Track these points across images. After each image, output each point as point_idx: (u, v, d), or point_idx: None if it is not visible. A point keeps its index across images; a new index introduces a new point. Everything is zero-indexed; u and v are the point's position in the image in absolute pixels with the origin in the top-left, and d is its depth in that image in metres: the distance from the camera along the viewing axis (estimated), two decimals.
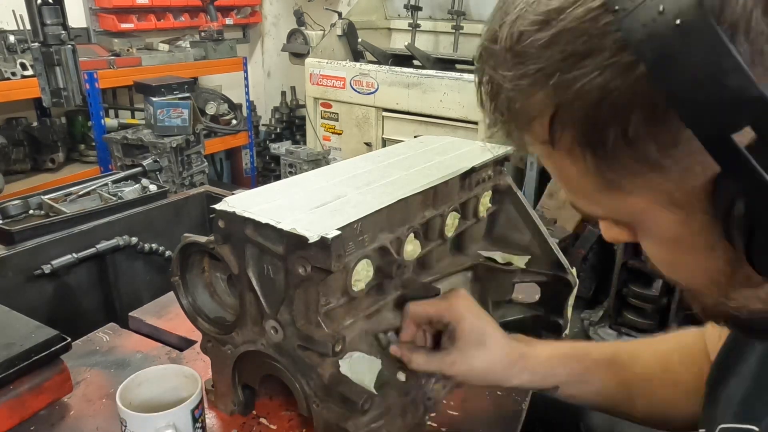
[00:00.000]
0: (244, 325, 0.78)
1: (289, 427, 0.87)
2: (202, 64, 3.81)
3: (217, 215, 0.74)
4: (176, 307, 0.91)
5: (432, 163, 0.93)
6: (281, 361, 0.76)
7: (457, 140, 1.10)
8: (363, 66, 3.49)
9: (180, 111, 2.78)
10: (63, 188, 1.66)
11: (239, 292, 0.77)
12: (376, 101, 3.45)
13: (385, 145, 3.38)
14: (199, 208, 1.79)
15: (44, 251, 1.38)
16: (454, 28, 3.76)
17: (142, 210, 1.62)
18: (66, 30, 1.63)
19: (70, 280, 1.45)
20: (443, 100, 3.17)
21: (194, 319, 0.85)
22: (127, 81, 3.25)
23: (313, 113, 3.77)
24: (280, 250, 0.69)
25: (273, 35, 4.97)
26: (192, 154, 2.93)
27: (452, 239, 0.95)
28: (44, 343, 0.89)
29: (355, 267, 0.73)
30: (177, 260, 0.83)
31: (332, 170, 0.90)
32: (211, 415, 0.88)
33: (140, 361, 1.03)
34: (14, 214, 1.51)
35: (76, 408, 0.91)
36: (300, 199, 0.76)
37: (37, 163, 3.26)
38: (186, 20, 4.13)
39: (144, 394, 0.79)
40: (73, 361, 0.96)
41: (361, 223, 0.73)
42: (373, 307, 0.80)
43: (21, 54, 2.88)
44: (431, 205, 0.88)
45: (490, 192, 1.03)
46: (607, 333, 2.71)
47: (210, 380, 0.89)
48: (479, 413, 0.91)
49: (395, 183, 0.83)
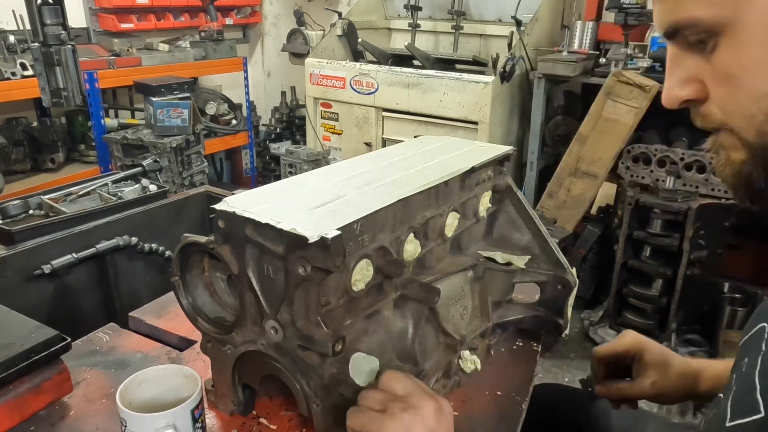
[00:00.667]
0: (244, 325, 0.79)
1: (289, 427, 0.87)
2: (202, 64, 3.81)
3: (217, 215, 0.74)
4: (176, 307, 0.91)
5: (432, 163, 0.93)
6: (281, 361, 0.76)
7: (457, 140, 1.10)
8: (363, 66, 3.49)
9: (180, 111, 2.78)
10: (63, 188, 1.66)
11: (239, 292, 0.77)
12: (376, 101, 3.45)
13: (385, 145, 3.38)
14: (199, 208, 1.79)
15: (44, 251, 1.38)
16: (454, 28, 3.76)
17: (142, 210, 1.62)
18: (66, 30, 1.63)
19: (70, 280, 1.45)
20: (443, 100, 3.17)
21: (194, 319, 0.85)
22: (127, 81, 3.25)
23: (313, 113, 3.77)
24: (280, 250, 0.69)
25: (273, 35, 4.97)
26: (192, 154, 2.93)
27: (452, 239, 0.95)
28: (44, 343, 0.89)
29: (355, 267, 0.73)
30: (177, 260, 0.83)
31: (332, 170, 0.90)
32: (211, 415, 0.88)
33: (140, 361, 1.03)
34: (14, 214, 1.51)
35: (76, 408, 0.91)
36: (300, 199, 0.76)
37: (37, 163, 3.27)
38: (186, 20, 4.13)
39: (144, 394, 0.79)
40: (73, 361, 0.96)
41: (361, 223, 0.73)
42: (373, 307, 0.80)
43: (21, 54, 2.88)
44: (431, 205, 0.88)
45: (490, 192, 1.03)
46: (607, 333, 2.71)
47: (210, 380, 0.89)
48: (479, 413, 0.91)
49: (395, 183, 0.83)
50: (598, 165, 2.81)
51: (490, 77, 3.04)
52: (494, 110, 3.07)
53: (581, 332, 2.83)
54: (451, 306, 0.94)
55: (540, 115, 3.11)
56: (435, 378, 0.89)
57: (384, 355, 0.79)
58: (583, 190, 2.86)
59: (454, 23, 3.74)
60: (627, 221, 2.55)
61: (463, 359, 0.96)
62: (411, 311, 0.86)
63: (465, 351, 0.96)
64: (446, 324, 0.92)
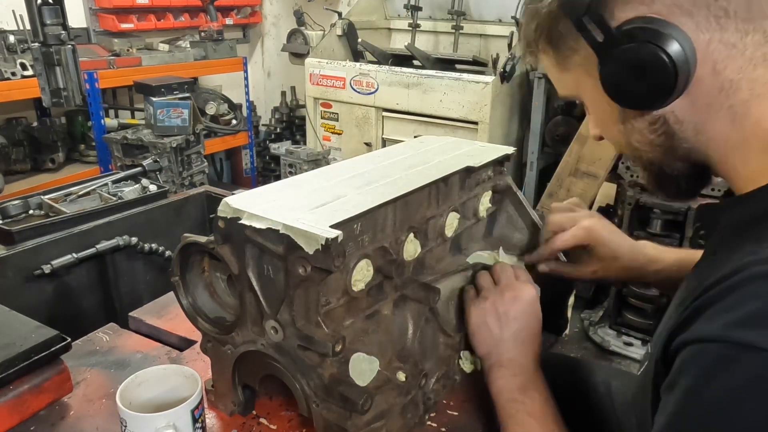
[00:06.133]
0: (244, 325, 0.78)
1: (289, 427, 0.87)
2: (202, 64, 3.81)
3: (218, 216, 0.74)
4: (176, 307, 0.91)
5: (432, 163, 0.93)
6: (281, 361, 0.76)
7: (457, 140, 1.10)
8: (363, 66, 3.49)
9: (180, 111, 2.78)
10: (63, 188, 1.66)
11: (239, 293, 0.77)
12: (376, 101, 3.45)
13: (385, 145, 3.39)
14: (199, 208, 1.79)
15: (44, 251, 1.38)
16: (454, 28, 3.76)
17: (142, 210, 1.62)
18: (66, 30, 1.63)
19: (70, 280, 1.45)
20: (443, 100, 3.17)
21: (194, 319, 0.85)
22: (127, 81, 3.25)
23: (313, 113, 3.77)
24: (280, 251, 0.69)
25: (273, 35, 4.96)
26: (192, 154, 2.93)
27: (452, 239, 0.95)
28: (44, 343, 0.89)
29: (355, 267, 0.73)
30: (177, 260, 0.83)
31: (332, 170, 0.90)
32: (211, 415, 0.88)
33: (140, 361, 1.03)
34: (14, 214, 1.51)
35: (76, 408, 0.91)
36: (300, 199, 0.76)
37: (37, 163, 3.27)
38: (186, 20, 4.13)
39: (144, 394, 0.79)
40: (73, 361, 0.96)
41: (361, 223, 0.73)
42: (373, 307, 0.80)
43: (21, 54, 2.89)
44: (431, 205, 0.88)
45: (490, 192, 1.03)
46: (607, 333, 2.71)
47: (210, 380, 0.89)
48: (479, 413, 0.91)
49: (395, 183, 0.83)
50: (598, 165, 2.81)
51: (490, 77, 3.04)
52: (494, 110, 3.07)
53: (581, 332, 2.83)
54: (451, 306, 0.94)
55: (540, 115, 3.11)
56: (435, 378, 0.89)
57: (384, 355, 0.79)
58: (583, 190, 2.86)
59: (454, 23, 3.74)
60: (627, 221, 2.55)
61: (463, 359, 0.96)
62: (411, 311, 0.86)
63: (465, 351, 0.96)
64: (446, 324, 0.92)
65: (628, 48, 0.60)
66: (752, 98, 0.60)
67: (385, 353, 0.80)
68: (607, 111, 0.69)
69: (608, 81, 0.64)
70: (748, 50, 0.58)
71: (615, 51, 0.61)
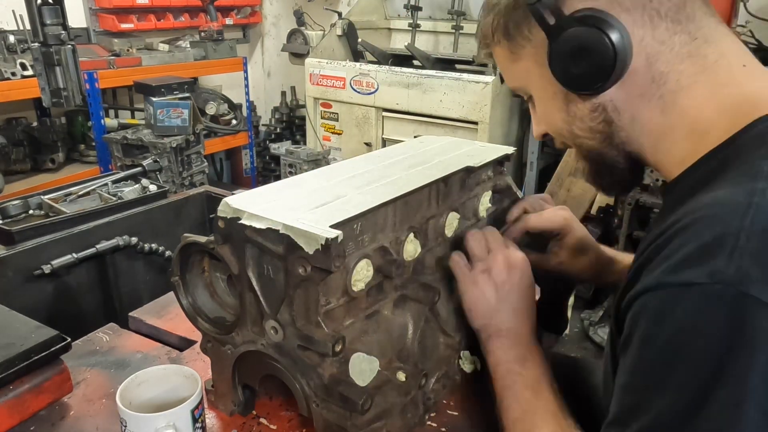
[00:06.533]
0: (244, 325, 0.79)
1: (289, 427, 0.87)
2: (202, 64, 3.81)
3: (218, 215, 0.74)
4: (176, 307, 0.91)
5: (432, 163, 0.93)
6: (281, 361, 0.76)
7: (457, 140, 1.10)
8: (363, 66, 3.49)
9: (180, 111, 2.78)
10: (63, 188, 1.66)
11: (239, 293, 0.77)
12: (376, 101, 3.45)
13: (385, 145, 3.38)
14: (199, 208, 1.79)
15: (44, 251, 1.38)
16: (454, 28, 3.76)
17: (142, 210, 1.62)
18: (66, 30, 1.63)
19: (70, 280, 1.45)
20: (443, 100, 3.17)
21: (194, 319, 0.85)
22: (127, 81, 3.25)
23: (313, 113, 3.77)
24: (280, 251, 0.69)
25: (273, 35, 4.97)
26: (192, 154, 2.93)
27: (452, 239, 0.95)
28: (44, 343, 0.89)
29: (355, 267, 0.73)
30: (177, 260, 0.83)
31: (332, 170, 0.90)
32: (211, 415, 0.88)
33: (140, 361, 1.03)
34: (14, 214, 1.51)
35: (76, 408, 0.91)
36: (300, 199, 0.76)
37: (37, 163, 3.27)
38: (186, 20, 4.13)
39: (144, 394, 0.79)
40: (73, 361, 0.96)
41: (361, 223, 0.73)
42: (373, 307, 0.80)
43: (21, 54, 2.89)
44: (431, 205, 0.88)
45: (490, 192, 1.03)
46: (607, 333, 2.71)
47: (210, 380, 0.89)
48: (479, 413, 0.91)
49: (395, 183, 0.83)
50: None
51: (490, 77, 3.04)
52: (494, 110, 3.07)
53: (581, 332, 2.83)
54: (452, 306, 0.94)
55: None
56: (435, 378, 0.89)
57: (384, 355, 0.79)
58: (584, 190, 2.85)
59: (454, 23, 3.74)
60: (627, 221, 2.55)
61: (463, 359, 0.96)
62: (411, 311, 0.86)
63: (465, 351, 0.96)
64: (446, 324, 0.92)
65: (577, 30, 0.66)
66: (679, 89, 0.67)
67: (385, 353, 0.80)
68: (552, 100, 0.75)
69: (556, 62, 0.69)
70: (675, 47, 0.66)
71: (564, 33, 0.67)
